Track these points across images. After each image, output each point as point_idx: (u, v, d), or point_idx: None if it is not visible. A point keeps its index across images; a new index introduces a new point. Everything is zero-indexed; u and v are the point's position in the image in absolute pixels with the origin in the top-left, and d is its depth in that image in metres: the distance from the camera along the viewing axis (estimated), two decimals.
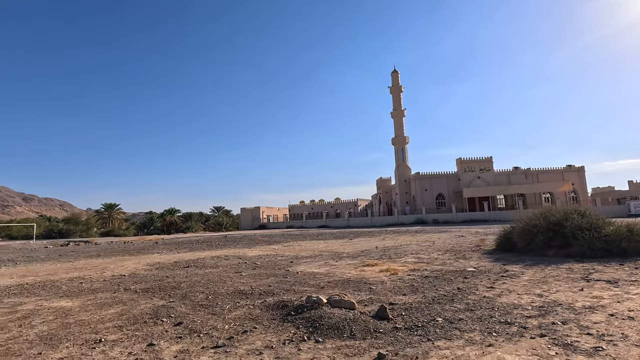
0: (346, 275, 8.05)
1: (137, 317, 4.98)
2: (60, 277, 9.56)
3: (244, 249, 17.01)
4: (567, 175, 56.22)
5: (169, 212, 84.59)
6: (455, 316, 4.40)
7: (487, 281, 6.62)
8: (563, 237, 9.84)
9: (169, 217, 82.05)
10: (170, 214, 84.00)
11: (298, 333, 4.01)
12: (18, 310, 5.74)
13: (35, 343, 4.04)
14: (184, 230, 74.39)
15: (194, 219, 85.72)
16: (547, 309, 4.56)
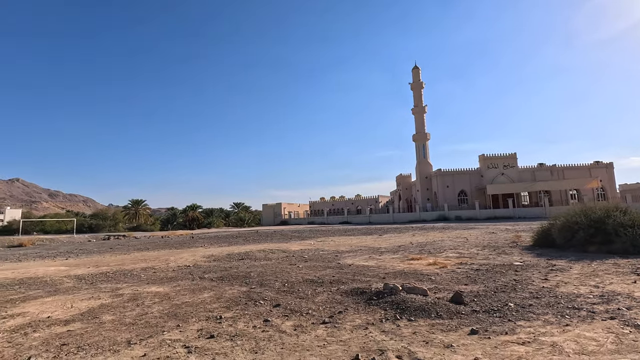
0: (397, 268, 8.62)
1: (235, 300, 5.71)
2: (131, 267, 10.50)
3: (282, 243, 17.80)
4: (595, 171, 54.88)
5: (191, 208, 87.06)
6: (525, 302, 4.92)
7: (538, 274, 7.07)
8: (605, 234, 10.10)
9: (191, 213, 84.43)
10: (193, 209, 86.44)
11: (389, 313, 4.62)
12: (122, 294, 6.56)
13: (166, 319, 4.79)
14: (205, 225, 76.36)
15: (215, 215, 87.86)
16: (608, 298, 5.02)
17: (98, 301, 6.03)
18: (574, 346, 3.35)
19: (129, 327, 4.47)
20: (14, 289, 7.49)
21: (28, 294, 6.84)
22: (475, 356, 3.20)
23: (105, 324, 4.64)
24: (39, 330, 4.46)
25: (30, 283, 8.12)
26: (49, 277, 8.86)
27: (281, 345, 3.67)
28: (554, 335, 3.68)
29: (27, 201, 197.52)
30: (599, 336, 3.60)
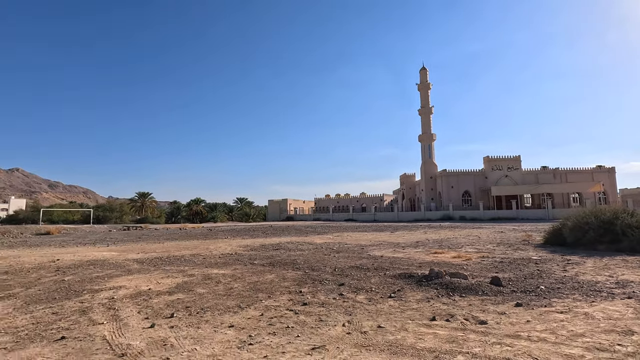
0: (426, 259, 9.54)
1: (300, 280, 6.64)
2: (177, 253, 11.44)
3: (302, 237, 18.75)
4: (597, 175, 55.79)
5: (195, 202, 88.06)
6: (553, 286, 5.85)
7: (557, 266, 7.99)
8: (613, 234, 11.04)
9: (195, 207, 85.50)
10: (196, 203, 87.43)
11: (441, 292, 5.54)
12: (193, 275, 7.48)
13: (252, 292, 5.72)
14: (209, 219, 77.36)
15: (219, 209, 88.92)
16: (623, 284, 5.95)
17: (176, 279, 6.95)
18: (601, 315, 4.27)
19: (227, 297, 5.40)
20: (90, 269, 8.42)
21: (107, 273, 7.77)
22: (527, 319, 4.12)
23: (204, 295, 5.57)
24: (154, 298, 5.39)
25: (100, 264, 9.05)
26: (112, 260, 9.80)
27: (366, 310, 4.60)
28: (584, 307, 4.60)
29: (27, 191, 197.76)
30: (620, 309, 4.52)
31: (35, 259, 10.26)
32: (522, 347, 3.28)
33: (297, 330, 3.83)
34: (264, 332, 3.78)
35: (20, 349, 3.38)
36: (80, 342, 3.56)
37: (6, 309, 4.84)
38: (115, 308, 4.83)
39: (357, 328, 3.88)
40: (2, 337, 3.74)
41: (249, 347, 3.36)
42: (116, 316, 4.45)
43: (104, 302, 5.19)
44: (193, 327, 3.96)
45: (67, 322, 4.21)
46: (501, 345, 3.34)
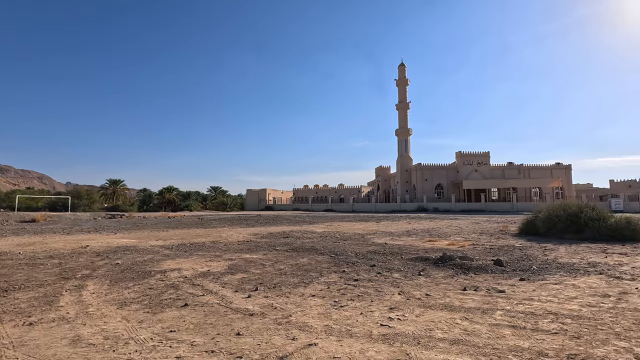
0: (426, 246, 10.90)
1: (333, 263, 7.71)
2: (196, 241, 12.15)
3: (298, 226, 19.78)
4: (556, 172, 60.56)
5: (167, 190, 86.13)
6: (542, 266, 7.29)
7: (538, 252, 9.57)
8: (578, 225, 12.95)
9: (168, 195, 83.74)
10: (169, 191, 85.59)
11: (457, 271, 6.81)
12: (232, 259, 8.35)
13: (302, 272, 6.72)
14: (182, 208, 76.34)
15: (192, 198, 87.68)
16: (593, 264, 7.51)
17: (222, 263, 7.81)
18: (584, 285, 5.68)
19: (285, 275, 6.38)
20: (128, 254, 9.04)
21: (149, 258, 8.46)
22: (532, 289, 5.45)
23: (262, 274, 6.52)
24: (221, 277, 6.27)
25: (132, 251, 9.65)
26: (140, 247, 10.40)
27: (407, 284, 5.76)
28: (571, 280, 6.01)
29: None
30: (596, 282, 5.96)
31: (64, 245, 10.64)
32: (538, 305, 4.55)
33: (368, 297, 4.93)
34: (343, 299, 4.84)
35: (160, 313, 4.24)
36: (202, 307, 4.45)
37: (101, 287, 5.58)
38: (197, 284, 5.70)
39: (411, 296, 5.03)
40: (133, 304, 4.56)
41: (342, 308, 4.41)
42: (207, 289, 5.33)
43: (180, 279, 6.02)
44: (283, 297, 4.95)
45: (172, 295, 5.05)
46: (523, 304, 4.60)
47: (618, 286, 5.58)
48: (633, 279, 6.06)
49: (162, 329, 3.68)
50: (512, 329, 3.66)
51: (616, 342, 3.30)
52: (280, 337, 3.42)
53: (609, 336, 3.44)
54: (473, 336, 3.45)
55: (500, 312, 4.27)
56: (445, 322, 3.89)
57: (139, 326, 3.76)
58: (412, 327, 3.72)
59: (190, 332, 3.58)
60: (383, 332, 3.56)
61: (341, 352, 3.04)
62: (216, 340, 3.34)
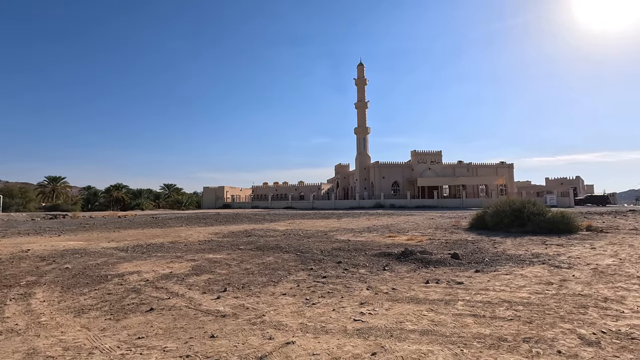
0: (387, 242, 11.30)
1: (300, 261, 7.75)
2: (153, 242, 11.55)
3: (259, 224, 19.53)
4: (500, 170, 65.32)
5: (115, 188, 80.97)
6: (493, 258, 7.89)
7: (488, 245, 10.32)
8: (521, 220, 14.13)
9: (116, 193, 78.74)
10: (117, 189, 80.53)
11: (419, 265, 7.16)
12: (196, 260, 8.09)
13: (270, 270, 6.69)
14: (132, 207, 72.22)
15: (144, 196, 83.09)
16: (536, 255, 8.26)
17: (184, 264, 7.54)
18: (531, 274, 6.24)
19: (253, 275, 6.31)
20: (77, 257, 8.39)
21: (102, 261, 7.94)
22: (487, 279, 5.89)
23: (229, 275, 6.39)
24: (186, 279, 6.06)
25: (82, 254, 8.97)
26: (91, 249, 9.69)
27: (374, 279, 5.96)
28: (519, 271, 6.58)
29: None
30: (540, 271, 6.58)
31: (0, 250, 9.60)
32: (493, 294, 4.94)
33: (338, 293, 5.03)
34: (314, 296, 4.90)
35: (123, 319, 4.02)
36: (170, 311, 4.29)
37: (52, 295, 5.15)
38: (161, 287, 5.46)
39: (379, 290, 5.22)
40: (92, 312, 4.27)
41: (314, 305, 4.47)
42: (173, 292, 5.13)
43: (141, 283, 5.73)
44: (254, 296, 4.90)
45: (135, 299, 4.80)
46: (480, 294, 4.96)
47: (558, 274, 6.20)
48: (570, 267, 6.77)
49: (128, 336, 3.50)
50: (474, 317, 3.95)
51: (562, 324, 3.69)
52: (257, 337, 3.40)
53: (555, 319, 3.84)
54: (440, 326, 3.67)
55: (461, 302, 4.57)
56: (414, 314, 4.10)
57: (102, 334, 3.54)
58: (383, 320, 3.88)
59: (160, 337, 3.44)
60: (357, 326, 3.68)
61: (320, 349, 3.10)
62: (190, 344, 3.25)
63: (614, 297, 4.73)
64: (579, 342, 3.22)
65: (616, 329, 3.56)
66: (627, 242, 10.63)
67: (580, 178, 74.42)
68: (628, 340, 3.27)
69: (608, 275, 6.09)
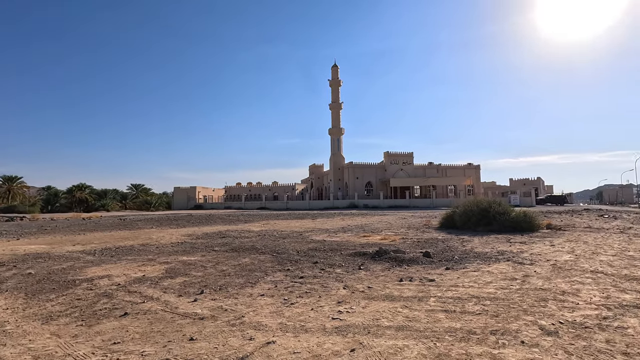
0: (362, 241, 11.53)
1: (277, 262, 7.77)
2: (122, 244, 11.14)
3: (233, 225, 19.27)
4: (468, 171, 67.96)
5: (78, 188, 77.01)
6: (462, 256, 8.26)
7: (457, 243, 10.77)
8: (488, 219, 14.83)
9: (79, 194, 74.91)
10: (80, 189, 76.64)
11: (392, 264, 7.38)
12: (169, 262, 7.91)
13: (247, 272, 6.67)
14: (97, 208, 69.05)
15: (110, 197, 79.56)
16: (501, 252, 8.73)
17: (157, 267, 7.36)
18: (497, 271, 6.61)
19: (229, 277, 6.27)
20: (40, 262, 7.97)
21: (69, 265, 7.60)
22: (457, 276, 6.18)
23: (205, 277, 6.31)
24: (160, 282, 5.93)
25: (45, 258, 8.53)
26: (55, 253, 9.22)
27: (350, 278, 6.10)
28: (486, 267, 6.94)
29: None
30: (505, 267, 6.98)
31: None
32: (463, 290, 5.20)
33: (315, 293, 5.12)
34: (292, 296, 4.96)
35: (96, 325, 3.90)
36: (145, 315, 4.20)
37: (16, 302, 4.89)
38: (134, 291, 5.32)
39: (355, 289, 5.36)
40: (62, 318, 4.11)
41: (292, 305, 4.53)
42: (147, 296, 5.02)
43: (113, 287, 5.55)
44: (232, 298, 4.89)
45: (107, 304, 4.66)
46: (451, 291, 5.21)
47: (521, 270, 6.61)
48: (532, 264, 7.22)
49: (103, 341, 3.41)
50: (445, 313, 4.16)
51: (525, 317, 3.97)
52: (237, 338, 3.42)
53: (519, 313, 4.12)
54: (414, 322, 3.85)
55: (433, 298, 4.79)
56: (389, 311, 4.26)
57: (74, 341, 3.43)
58: (360, 318, 4.01)
59: (137, 342, 3.38)
60: (335, 324, 3.78)
61: (300, 347, 3.17)
62: (169, 347, 3.22)
63: (571, 290, 5.12)
64: (540, 333, 3.48)
65: (572, 319, 3.87)
66: (582, 239, 11.44)
67: (541, 179, 78.85)
68: (582, 329, 3.58)
69: (565, 270, 6.56)
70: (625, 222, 18.88)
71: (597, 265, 6.95)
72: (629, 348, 3.11)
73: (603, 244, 10.29)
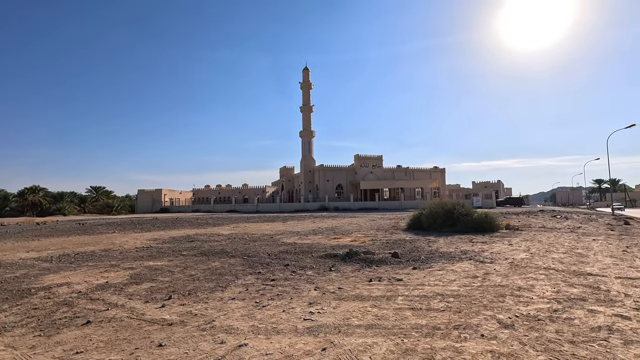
0: (332, 243, 11.67)
1: (248, 265, 7.71)
2: (82, 250, 10.56)
3: (202, 229, 18.79)
4: (434, 174, 70.36)
5: (31, 191, 72.14)
6: (428, 256, 8.59)
7: (424, 244, 11.17)
8: (452, 220, 15.48)
9: (32, 197, 70.11)
10: (33, 192, 71.79)
11: (362, 264, 7.55)
12: (134, 268, 7.62)
13: (217, 276, 6.57)
14: (52, 212, 64.98)
15: (67, 200, 75.01)
16: (464, 252, 9.17)
17: (121, 273, 7.08)
18: (460, 269, 6.95)
19: (199, 281, 6.15)
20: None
21: (22, 273, 7.13)
22: (423, 275, 6.43)
23: (172, 282, 6.16)
24: (125, 288, 5.72)
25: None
26: (7, 261, 8.59)
27: (321, 280, 6.18)
28: (450, 266, 7.27)
29: None
30: (468, 266, 7.34)
31: None
32: (428, 289, 5.44)
33: (287, 295, 5.15)
34: (264, 299, 4.96)
35: (56, 334, 3.72)
36: (110, 323, 4.05)
37: None
38: (96, 298, 5.10)
39: (326, 290, 5.44)
40: (17, 329, 3.87)
41: (264, 308, 4.54)
42: (111, 303, 4.83)
43: (73, 295, 5.29)
44: (202, 303, 4.81)
45: (67, 313, 4.44)
46: (417, 289, 5.43)
47: (482, 268, 6.99)
48: (492, 262, 7.65)
49: (64, 351, 3.27)
50: (412, 310, 4.34)
51: (485, 312, 4.22)
52: (208, 342, 3.39)
53: (480, 308, 4.37)
54: (383, 320, 3.99)
55: (401, 297, 4.97)
56: (359, 310, 4.38)
57: (31, 352, 3.26)
58: (331, 318, 4.09)
59: (102, 350, 3.27)
60: (307, 325, 3.84)
61: (272, 349, 3.20)
62: (136, 355, 3.14)
63: (526, 286, 5.50)
64: (498, 326, 3.73)
65: (527, 312, 4.17)
66: (537, 238, 12.24)
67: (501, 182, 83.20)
68: (535, 321, 3.87)
69: (522, 267, 7.01)
70: (575, 222, 20.38)
71: (550, 263, 7.48)
72: (575, 337, 3.41)
73: (555, 242, 11.08)
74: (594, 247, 9.94)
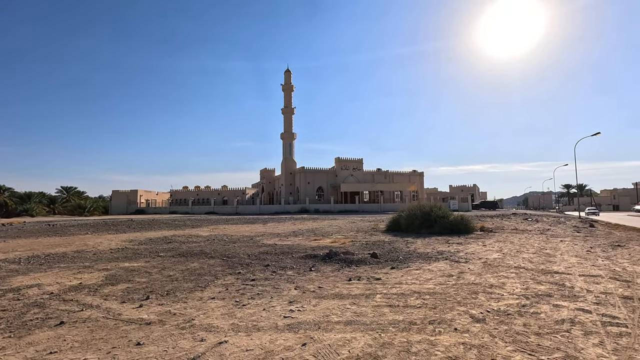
0: (313, 244, 11.74)
1: (227, 265, 7.66)
2: (53, 251, 10.17)
3: (180, 230, 18.43)
4: (413, 178, 71.69)
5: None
6: (406, 256, 8.80)
7: (402, 245, 11.42)
8: (430, 222, 15.88)
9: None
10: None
11: (342, 265, 7.66)
12: (110, 269, 7.43)
13: (196, 276, 6.51)
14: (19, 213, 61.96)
15: (35, 200, 71.68)
16: (440, 252, 9.44)
17: (95, 274, 6.90)
18: (436, 269, 7.17)
19: (177, 282, 6.08)
20: None
21: None
22: (401, 275, 6.60)
23: (150, 282, 6.06)
24: (100, 289, 5.58)
25: None
26: None
27: (301, 280, 6.24)
28: (427, 266, 7.49)
29: None
30: (444, 266, 7.58)
31: None
32: (406, 287, 5.60)
33: (267, 294, 5.18)
34: (244, 298, 4.97)
35: (27, 336, 3.61)
36: (85, 323, 3.96)
37: None
38: (70, 299, 4.96)
39: (306, 289, 5.50)
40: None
41: (244, 307, 4.55)
42: (86, 304, 4.71)
43: (45, 296, 5.12)
44: (181, 302, 4.77)
45: (39, 314, 4.30)
46: (395, 288, 5.57)
47: (457, 268, 7.24)
48: (466, 262, 7.93)
49: (36, 352, 3.18)
50: (390, 307, 4.46)
51: (458, 308, 4.40)
52: (187, 340, 3.39)
53: (454, 304, 4.55)
54: (361, 317, 4.09)
55: (379, 295, 5.10)
56: (338, 308, 4.47)
57: (1, 354, 3.16)
58: (311, 315, 4.16)
59: (77, 350, 3.20)
60: (287, 322, 3.89)
61: (253, 345, 3.23)
62: (113, 354, 3.10)
63: (497, 283, 5.75)
64: (470, 321, 3.90)
65: (497, 308, 4.38)
66: (509, 239, 12.75)
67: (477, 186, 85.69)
68: (505, 316, 4.07)
69: (494, 267, 7.31)
70: (544, 225, 21.30)
71: (520, 262, 7.83)
72: (541, 329, 3.62)
73: (526, 243, 11.58)
74: (561, 247, 10.46)
